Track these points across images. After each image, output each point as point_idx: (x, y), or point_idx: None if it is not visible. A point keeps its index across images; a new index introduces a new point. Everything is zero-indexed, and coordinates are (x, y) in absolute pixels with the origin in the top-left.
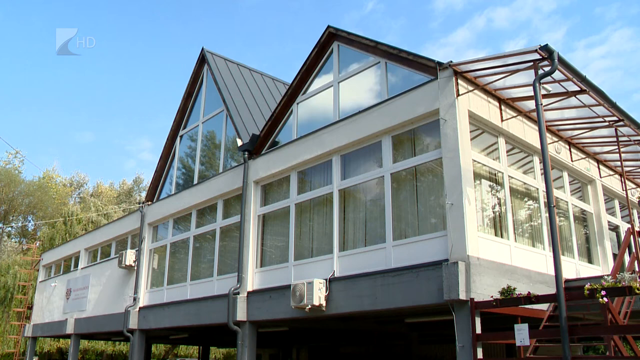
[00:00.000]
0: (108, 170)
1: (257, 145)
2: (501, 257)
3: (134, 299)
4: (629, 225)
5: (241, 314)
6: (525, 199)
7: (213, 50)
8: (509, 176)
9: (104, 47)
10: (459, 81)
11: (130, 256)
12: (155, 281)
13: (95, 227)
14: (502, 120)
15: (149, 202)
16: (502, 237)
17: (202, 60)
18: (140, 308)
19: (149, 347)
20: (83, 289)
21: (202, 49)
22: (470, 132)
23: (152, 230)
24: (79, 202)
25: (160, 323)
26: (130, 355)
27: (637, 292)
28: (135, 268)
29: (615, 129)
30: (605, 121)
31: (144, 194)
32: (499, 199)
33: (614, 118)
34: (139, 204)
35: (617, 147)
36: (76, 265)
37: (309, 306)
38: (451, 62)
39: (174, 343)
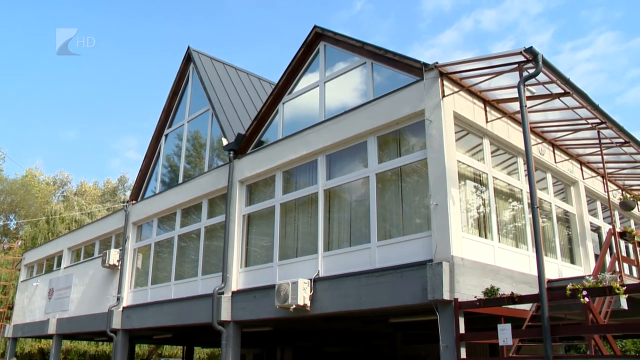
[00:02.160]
0: (93, 169)
1: (243, 145)
2: (485, 257)
3: (118, 299)
4: (610, 227)
5: (225, 314)
6: (510, 200)
7: (200, 49)
8: (494, 177)
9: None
10: (445, 82)
11: (114, 255)
12: (139, 281)
13: (78, 226)
14: (487, 122)
15: (134, 201)
16: (486, 237)
17: (188, 58)
18: (123, 308)
19: (132, 347)
20: (66, 288)
21: (188, 47)
22: (455, 133)
23: (137, 229)
24: (63, 200)
25: (144, 323)
26: (114, 355)
27: (618, 292)
28: (119, 267)
29: (598, 132)
30: (588, 123)
31: (128, 193)
32: (483, 199)
33: (597, 120)
34: (124, 203)
35: (599, 149)
36: (59, 264)
37: (294, 306)
38: (437, 63)
39: (158, 343)
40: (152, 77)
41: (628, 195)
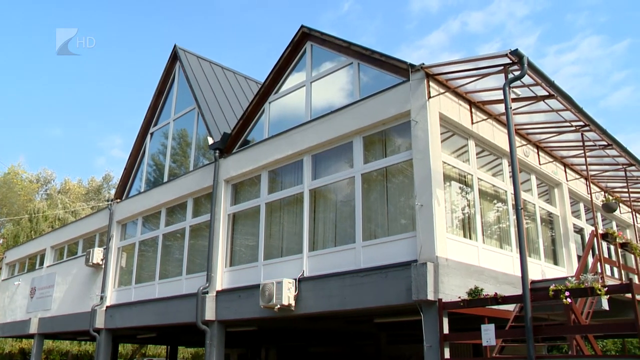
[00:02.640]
0: (77, 167)
1: (228, 144)
2: (469, 258)
3: (101, 298)
4: (593, 228)
5: (210, 314)
6: (494, 201)
7: (186, 48)
8: (478, 178)
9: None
10: (431, 83)
11: (97, 254)
12: (123, 280)
13: (62, 225)
14: (472, 123)
15: (118, 200)
16: (470, 238)
17: (175, 57)
18: (107, 307)
19: (115, 347)
20: (48, 287)
21: (175, 45)
22: (441, 134)
23: (121, 228)
24: (46, 198)
25: (127, 322)
26: (97, 355)
27: (599, 292)
28: (103, 266)
29: (582, 134)
30: (572, 126)
31: (113, 192)
32: (468, 200)
33: (581, 123)
34: (108, 201)
35: (583, 151)
36: (41, 263)
37: (278, 306)
38: (423, 64)
39: (142, 343)
40: (138, 75)
41: (610, 198)
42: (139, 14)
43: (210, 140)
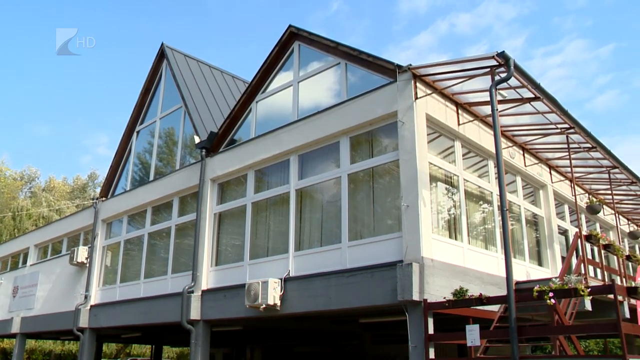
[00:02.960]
0: (63, 165)
1: (215, 143)
2: (454, 259)
3: (85, 297)
4: (577, 230)
5: (195, 313)
6: (480, 202)
7: (174, 46)
8: (464, 179)
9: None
10: (418, 84)
11: (82, 253)
12: (107, 279)
13: (46, 223)
14: (458, 124)
15: (103, 198)
16: (456, 239)
17: (162, 55)
18: (91, 306)
19: (99, 346)
20: (31, 286)
21: (162, 44)
22: (428, 135)
23: (106, 226)
24: (30, 196)
25: (112, 321)
26: (80, 354)
27: (582, 293)
28: (88, 265)
29: (567, 136)
30: (557, 128)
31: (98, 190)
32: (454, 201)
33: (566, 125)
34: (93, 199)
35: (568, 153)
36: (24, 261)
37: (264, 305)
38: (410, 65)
39: (126, 342)
40: (125, 73)
41: (594, 199)
42: (126, 12)
43: (197, 139)
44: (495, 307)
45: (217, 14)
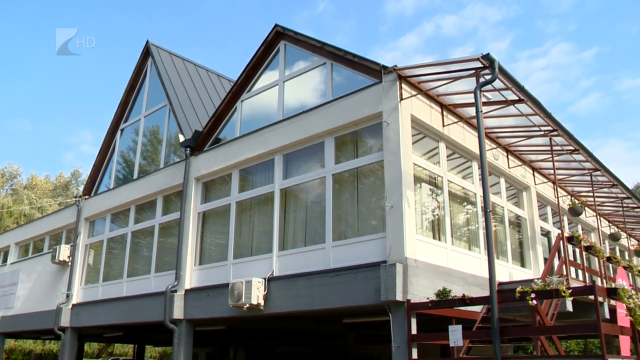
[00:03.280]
0: (45, 162)
1: (200, 142)
2: (438, 259)
3: (67, 296)
4: (559, 231)
5: (178, 312)
6: (464, 204)
7: (159, 44)
8: (449, 180)
9: (49, 34)
10: (403, 85)
11: (64, 251)
12: (90, 278)
13: (27, 221)
14: (443, 126)
15: (87, 196)
16: (439, 240)
17: (147, 53)
18: (73, 305)
19: (81, 346)
20: (11, 285)
21: (147, 41)
22: (412, 136)
23: (89, 225)
24: (11, 194)
25: (94, 321)
26: (61, 354)
27: (564, 294)
28: (70, 264)
29: (550, 139)
30: (540, 130)
31: (81, 188)
32: (438, 202)
33: (549, 128)
34: (76, 197)
35: (551, 156)
36: (5, 260)
37: (247, 305)
38: (396, 66)
39: (108, 341)
40: (110, 70)
41: (576, 201)
42: (111, 8)
43: (182, 138)
44: (478, 308)
45: (203, 12)
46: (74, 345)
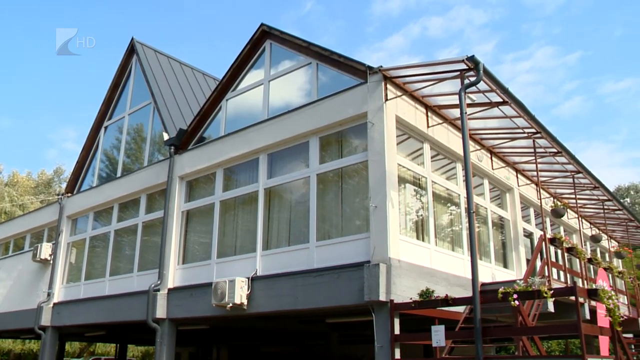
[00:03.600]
0: (27, 160)
1: (184, 140)
2: (421, 260)
3: (48, 295)
4: (542, 233)
5: (161, 312)
6: (447, 204)
7: (144, 42)
8: (433, 181)
9: (33, 29)
10: (388, 86)
11: (46, 250)
12: (72, 276)
13: (8, 218)
14: (428, 127)
15: (69, 194)
16: (423, 240)
17: (132, 50)
18: (54, 304)
19: (62, 345)
20: None
21: (132, 38)
22: (397, 136)
23: (71, 223)
24: None
25: (75, 320)
26: (41, 353)
27: (545, 295)
28: (51, 262)
29: (533, 141)
30: (524, 133)
31: (64, 186)
32: (422, 203)
33: (533, 130)
34: (58, 195)
35: (534, 158)
36: None
37: (230, 304)
38: (381, 66)
39: (90, 341)
40: (94, 67)
41: (559, 203)
42: (96, 4)
43: (166, 136)
44: (460, 308)
45: (189, 11)
46: (54, 344)
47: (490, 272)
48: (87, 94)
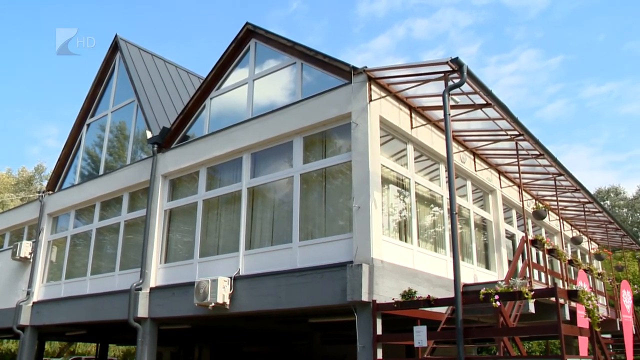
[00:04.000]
0: (8, 157)
1: (167, 139)
2: (404, 260)
3: (28, 293)
4: (524, 234)
5: (142, 311)
6: (430, 205)
7: (128, 39)
8: (416, 182)
9: (16, 25)
10: (372, 87)
11: (26, 248)
12: (52, 275)
13: None
14: (411, 128)
15: (50, 192)
16: (406, 241)
17: (115, 47)
18: (34, 303)
19: (41, 345)
20: None
21: (116, 35)
22: (381, 137)
23: (52, 221)
24: None
25: (55, 319)
26: (20, 353)
27: (526, 296)
28: (31, 260)
29: (516, 143)
30: (507, 135)
31: (45, 183)
32: (405, 204)
33: (515, 132)
34: (39, 193)
35: (516, 160)
36: None
37: (213, 304)
38: (366, 67)
39: (70, 340)
40: (78, 63)
41: (540, 205)
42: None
43: (149, 134)
44: (443, 309)
45: (174, 8)
46: (33, 344)
47: (473, 273)
48: (71, 91)
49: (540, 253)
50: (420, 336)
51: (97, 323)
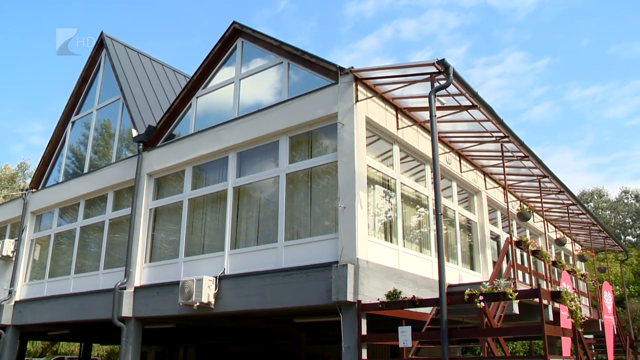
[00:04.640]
0: None
1: (153, 137)
2: (389, 261)
3: (10, 292)
4: (508, 235)
5: (127, 310)
6: (416, 206)
7: (114, 36)
8: (402, 183)
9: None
10: (359, 87)
11: (8, 246)
12: (35, 274)
13: None
14: (397, 129)
15: (34, 190)
16: (391, 241)
17: (101, 44)
18: (16, 302)
19: (23, 344)
20: None
21: (102, 32)
22: (367, 137)
23: (35, 219)
24: None
25: (38, 318)
26: (1, 353)
27: (510, 297)
28: (14, 259)
29: (501, 145)
30: (492, 137)
31: (28, 181)
32: (390, 204)
33: (501, 134)
34: (22, 190)
35: (502, 161)
36: None
37: (198, 303)
38: (352, 68)
39: (53, 340)
40: (63, 60)
41: (525, 207)
42: None
43: (135, 133)
44: (427, 309)
45: (161, 6)
46: (15, 344)
47: (457, 273)
48: (55, 88)
49: (525, 254)
50: (405, 336)
51: (81, 322)
